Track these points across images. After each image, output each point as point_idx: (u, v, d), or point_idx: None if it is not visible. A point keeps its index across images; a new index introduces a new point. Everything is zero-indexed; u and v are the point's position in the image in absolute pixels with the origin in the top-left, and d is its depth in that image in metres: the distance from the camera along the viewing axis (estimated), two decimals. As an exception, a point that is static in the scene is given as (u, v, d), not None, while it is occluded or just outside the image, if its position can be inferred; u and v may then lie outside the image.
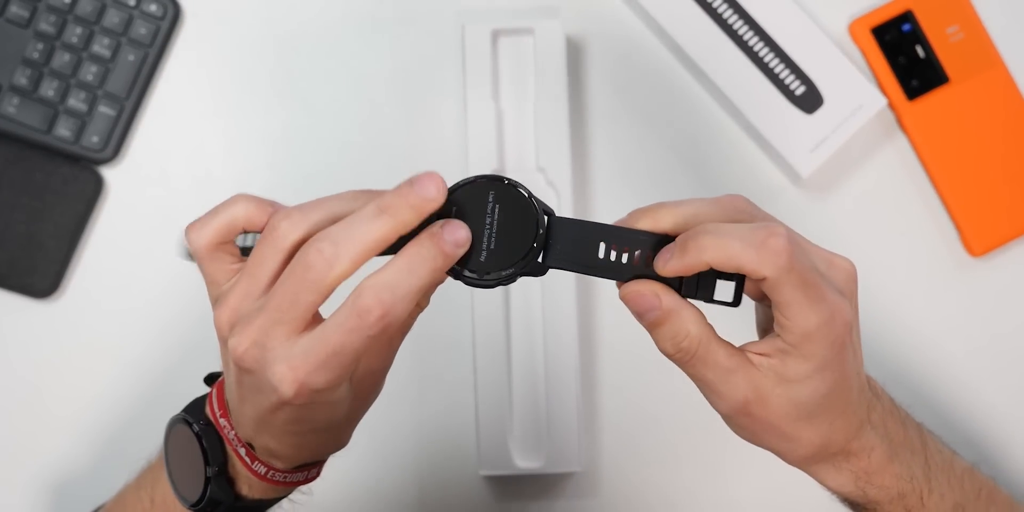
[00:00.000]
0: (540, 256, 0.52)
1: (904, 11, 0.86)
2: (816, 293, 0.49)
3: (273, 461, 0.56)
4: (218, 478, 0.56)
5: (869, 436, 0.55)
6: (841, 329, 0.49)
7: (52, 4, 0.84)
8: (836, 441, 0.53)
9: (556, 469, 0.81)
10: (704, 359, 0.51)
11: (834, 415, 0.52)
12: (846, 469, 0.55)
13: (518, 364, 0.82)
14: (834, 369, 0.51)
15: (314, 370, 0.48)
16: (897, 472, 0.56)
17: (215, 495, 0.57)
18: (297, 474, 0.57)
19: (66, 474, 0.85)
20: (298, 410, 0.50)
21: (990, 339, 0.87)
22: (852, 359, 0.52)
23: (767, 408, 0.51)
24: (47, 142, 0.84)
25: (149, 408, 0.85)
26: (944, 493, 0.58)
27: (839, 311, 0.49)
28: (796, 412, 0.51)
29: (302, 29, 0.88)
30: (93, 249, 0.86)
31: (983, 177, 0.85)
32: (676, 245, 0.50)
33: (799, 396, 0.51)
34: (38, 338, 0.86)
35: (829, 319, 0.49)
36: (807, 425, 0.52)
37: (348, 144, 0.87)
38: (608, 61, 0.88)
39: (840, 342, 0.50)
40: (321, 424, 0.53)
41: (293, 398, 0.49)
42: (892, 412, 0.57)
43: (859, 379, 0.53)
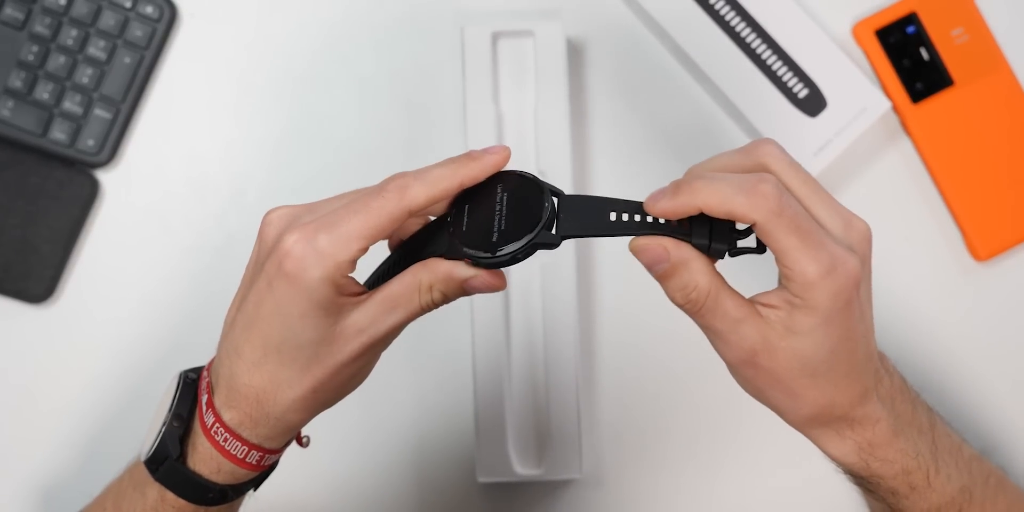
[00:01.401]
0: (552, 227, 0.53)
1: (908, 13, 0.86)
2: (813, 240, 0.49)
3: (224, 409, 0.56)
4: (172, 429, 0.57)
5: (875, 406, 0.55)
6: (844, 281, 0.50)
7: (47, 6, 0.84)
8: (840, 404, 0.54)
9: (556, 476, 0.81)
10: (713, 309, 0.52)
11: (839, 375, 0.53)
12: (849, 438, 0.56)
13: (517, 370, 0.82)
14: (839, 324, 0.51)
15: (320, 227, 0.51)
16: (902, 447, 0.56)
17: (164, 447, 0.57)
18: (237, 443, 0.56)
19: (61, 479, 0.85)
20: (287, 287, 0.52)
21: (996, 344, 0.87)
22: (859, 319, 0.52)
23: (773, 359, 0.52)
24: (42, 145, 0.84)
25: (144, 413, 0.83)
26: (951, 475, 0.58)
27: (842, 263, 0.50)
28: (801, 367, 0.52)
29: (300, 31, 0.88)
30: (88, 254, 0.86)
31: (988, 181, 0.85)
32: (668, 188, 0.51)
33: (805, 350, 0.52)
34: (32, 343, 0.85)
35: (830, 268, 0.50)
36: (811, 382, 0.53)
37: (346, 147, 0.87)
38: (609, 63, 0.88)
39: (845, 296, 0.50)
40: (296, 332, 0.53)
41: (291, 247, 0.51)
42: (902, 390, 0.57)
43: (866, 344, 0.53)
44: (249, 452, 0.57)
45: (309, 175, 0.87)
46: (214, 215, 0.86)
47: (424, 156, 0.85)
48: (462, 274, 0.54)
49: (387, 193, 0.52)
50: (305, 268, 0.51)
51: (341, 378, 0.55)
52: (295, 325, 0.53)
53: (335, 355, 0.54)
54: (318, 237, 0.51)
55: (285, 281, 0.52)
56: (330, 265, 0.51)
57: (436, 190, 0.53)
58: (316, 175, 0.87)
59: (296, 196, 0.86)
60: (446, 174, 0.53)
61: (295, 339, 0.53)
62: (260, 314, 0.54)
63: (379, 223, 0.52)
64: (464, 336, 0.83)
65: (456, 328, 0.84)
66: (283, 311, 0.53)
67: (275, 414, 0.56)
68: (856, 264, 0.50)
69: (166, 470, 0.57)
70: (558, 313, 0.81)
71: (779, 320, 0.52)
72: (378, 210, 0.52)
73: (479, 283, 0.54)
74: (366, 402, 0.71)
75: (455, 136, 0.85)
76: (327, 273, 0.52)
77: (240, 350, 0.55)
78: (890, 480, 0.57)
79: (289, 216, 0.54)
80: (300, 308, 0.52)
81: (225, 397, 0.56)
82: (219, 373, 0.56)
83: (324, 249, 0.51)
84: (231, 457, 0.57)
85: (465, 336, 0.83)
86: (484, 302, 0.82)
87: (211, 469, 0.57)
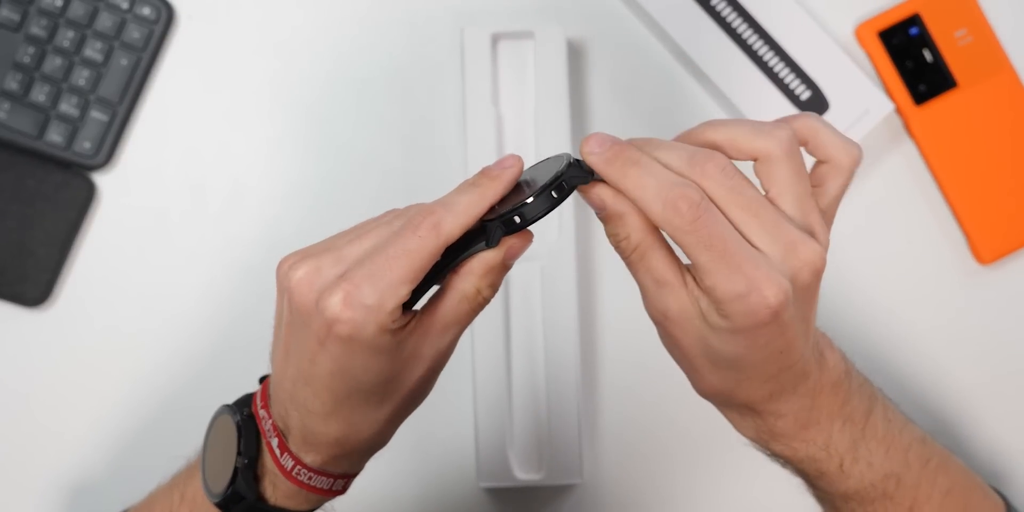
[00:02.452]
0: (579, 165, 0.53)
1: (911, 14, 0.85)
2: (729, 261, 0.49)
3: (304, 454, 0.56)
4: (246, 471, 0.57)
5: (781, 405, 0.56)
6: (757, 308, 0.49)
7: (43, 7, 0.84)
8: (738, 397, 0.55)
9: (557, 481, 0.81)
10: (637, 264, 0.53)
11: (743, 375, 0.54)
12: (749, 421, 0.57)
13: (518, 374, 0.81)
14: (747, 342, 0.51)
15: (363, 280, 0.50)
16: (810, 438, 0.57)
17: (239, 489, 0.57)
18: (323, 478, 0.57)
19: (58, 484, 0.85)
20: (342, 347, 0.51)
21: (998, 348, 0.86)
22: (776, 339, 0.51)
23: (682, 332, 0.53)
24: (38, 148, 0.84)
25: (142, 417, 0.85)
26: (874, 462, 0.59)
27: (757, 288, 0.49)
28: (704, 352, 0.53)
29: (299, 33, 0.87)
30: (85, 257, 0.85)
31: (992, 184, 0.85)
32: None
33: (710, 341, 0.52)
34: (29, 347, 0.85)
35: (744, 294, 0.49)
36: (713, 368, 0.54)
37: (345, 150, 0.87)
38: (610, 65, 0.87)
39: (758, 320, 0.50)
40: (361, 381, 0.53)
41: (341, 312, 0.49)
42: (835, 384, 0.57)
43: (785, 356, 0.53)
44: (335, 481, 0.59)
45: (308, 178, 0.86)
46: (212, 218, 0.86)
47: (424, 158, 0.86)
48: (494, 259, 0.53)
49: (422, 231, 0.51)
50: (358, 328, 0.50)
51: (415, 398, 0.56)
52: (359, 376, 0.53)
53: (405, 385, 0.55)
54: (363, 293, 0.50)
55: (340, 343, 0.51)
56: (383, 318, 0.50)
57: (468, 218, 0.52)
58: (315, 178, 0.87)
59: (295, 198, 0.87)
60: (474, 201, 0.52)
61: (362, 387, 0.53)
62: (318, 371, 0.53)
63: (422, 265, 0.51)
64: (464, 340, 0.82)
65: (456, 332, 0.83)
66: (343, 367, 0.52)
67: (360, 450, 0.57)
68: (777, 292, 0.49)
69: (243, 509, 0.58)
70: (559, 317, 0.81)
71: (699, 301, 0.52)
72: (418, 252, 0.50)
73: (513, 253, 0.53)
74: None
75: (455, 138, 0.85)
76: (381, 326, 0.51)
77: (308, 404, 0.55)
78: (796, 463, 0.59)
79: (313, 268, 0.52)
80: (360, 362, 0.52)
81: (301, 443, 0.56)
82: (288, 424, 0.56)
83: (373, 305, 0.50)
84: (318, 491, 0.58)
85: (465, 340, 0.82)
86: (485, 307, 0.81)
87: (297, 502, 0.59)
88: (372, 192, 0.86)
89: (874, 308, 0.86)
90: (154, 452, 0.68)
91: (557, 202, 0.52)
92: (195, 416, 0.67)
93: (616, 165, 0.51)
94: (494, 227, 0.52)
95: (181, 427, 0.70)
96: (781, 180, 0.51)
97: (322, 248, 0.53)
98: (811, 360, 0.55)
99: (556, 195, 0.52)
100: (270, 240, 0.85)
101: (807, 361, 0.55)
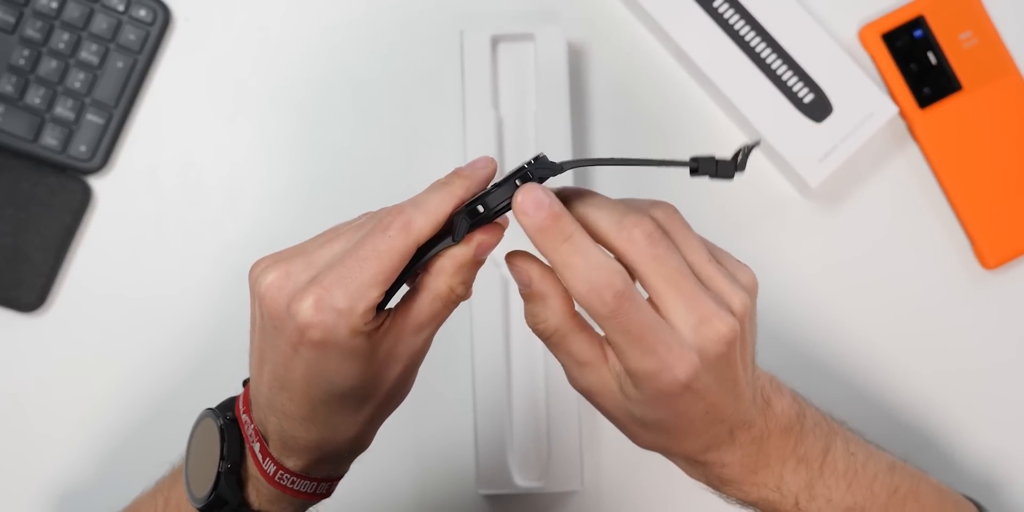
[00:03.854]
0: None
1: (916, 17, 0.85)
2: (643, 345, 0.50)
3: (285, 458, 0.56)
4: (229, 476, 0.57)
5: (722, 455, 0.56)
6: (668, 385, 0.51)
7: (38, 9, 0.84)
8: (676, 451, 0.56)
9: (557, 488, 0.81)
10: (558, 346, 0.54)
11: (671, 436, 0.55)
12: (697, 469, 0.58)
13: (518, 380, 0.81)
14: (666, 410, 0.53)
15: (333, 283, 0.50)
16: (760, 482, 0.58)
17: (223, 493, 0.57)
18: (306, 482, 0.57)
19: (53, 489, 0.85)
20: (316, 352, 0.51)
21: (1004, 353, 0.86)
22: (693, 404, 0.53)
23: (607, 403, 0.54)
24: (33, 151, 0.84)
25: (138, 422, 0.85)
26: (833, 498, 0.60)
27: (667, 368, 0.51)
28: (631, 419, 0.54)
29: (296, 35, 0.87)
30: (80, 262, 0.85)
31: (997, 187, 0.85)
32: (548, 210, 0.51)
33: (633, 411, 0.54)
34: (23, 353, 0.85)
35: (655, 372, 0.51)
36: (643, 430, 0.55)
37: (344, 153, 0.86)
38: (610, 67, 0.87)
39: (670, 393, 0.51)
40: (337, 385, 0.53)
41: (312, 317, 0.49)
42: (785, 428, 0.58)
43: (708, 417, 0.54)
44: (319, 485, 0.58)
45: (306, 181, 0.86)
46: (208, 222, 0.86)
47: (423, 162, 0.86)
48: (464, 255, 0.53)
49: (392, 232, 0.51)
50: (330, 332, 0.50)
51: (392, 399, 0.56)
52: (334, 380, 0.53)
53: (382, 386, 0.54)
54: (334, 297, 0.50)
55: (312, 348, 0.51)
56: (355, 320, 0.50)
57: (438, 216, 0.52)
58: (313, 181, 0.86)
59: (292, 202, 0.87)
60: (443, 198, 0.52)
61: (338, 391, 0.53)
62: (293, 377, 0.53)
63: (393, 265, 0.51)
64: (464, 346, 0.83)
65: (456, 338, 0.83)
66: (317, 371, 0.52)
67: (341, 453, 0.57)
68: (686, 369, 0.50)
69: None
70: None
71: (618, 376, 0.53)
72: (389, 253, 0.50)
73: (484, 248, 0.53)
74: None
75: (454, 141, 0.85)
76: (354, 329, 0.51)
77: (285, 409, 0.55)
78: (751, 504, 0.60)
79: (283, 273, 0.52)
80: (335, 366, 0.52)
81: (282, 448, 0.56)
82: (267, 428, 0.56)
83: (344, 307, 0.50)
84: (302, 495, 0.58)
85: (465, 346, 0.83)
86: (484, 310, 0.81)
87: (281, 507, 0.59)
88: (370, 196, 0.85)
89: (878, 313, 0.86)
90: (149, 457, 0.67)
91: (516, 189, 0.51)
92: (191, 422, 0.66)
93: (549, 236, 0.50)
94: (459, 220, 0.52)
95: (177, 432, 0.70)
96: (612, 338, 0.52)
97: (293, 252, 0.53)
98: (751, 410, 0.56)
99: (519, 183, 0.51)
100: (267, 244, 0.84)
101: (743, 413, 0.55)
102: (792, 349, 0.86)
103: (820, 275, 0.86)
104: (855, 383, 0.85)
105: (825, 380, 0.85)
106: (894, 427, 0.85)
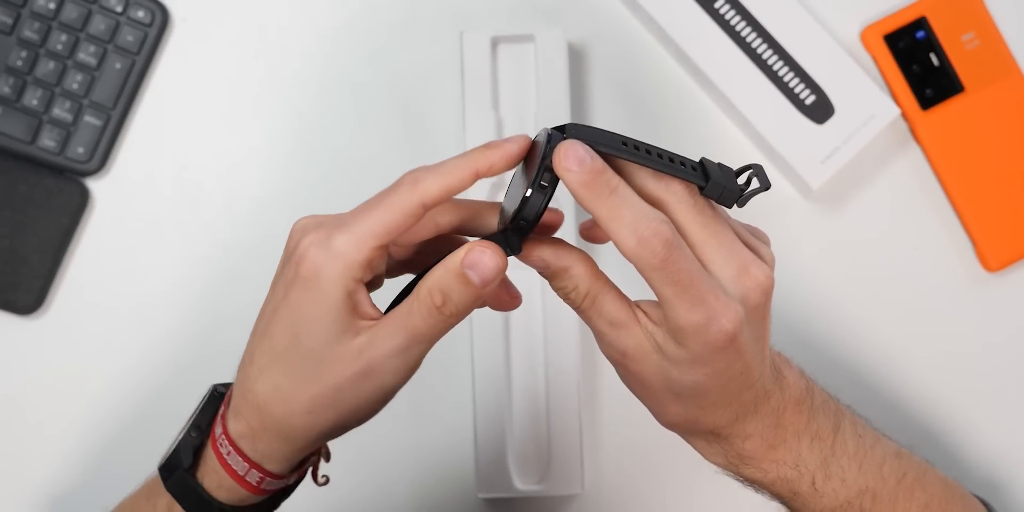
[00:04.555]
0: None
1: (918, 17, 0.85)
2: (691, 294, 0.51)
3: (232, 417, 0.55)
4: (187, 436, 0.57)
5: (746, 426, 0.57)
6: (716, 336, 0.51)
7: (36, 10, 0.83)
8: (704, 423, 0.56)
9: (557, 491, 0.81)
10: (589, 311, 0.54)
11: (705, 402, 0.55)
12: (717, 446, 0.58)
13: (518, 382, 0.81)
14: (707, 365, 0.53)
15: (337, 227, 0.51)
16: (780, 458, 0.58)
17: (176, 456, 0.57)
18: (238, 457, 0.55)
19: (51, 493, 0.85)
20: (299, 291, 0.51)
21: (1007, 355, 0.87)
22: (734, 360, 0.53)
23: (642, 367, 0.54)
24: (31, 153, 0.84)
25: (135, 425, 0.85)
26: (848, 479, 0.60)
27: (717, 318, 0.51)
28: (665, 384, 0.54)
29: (295, 36, 0.87)
30: (78, 264, 0.85)
31: (999, 190, 0.85)
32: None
33: (671, 373, 0.54)
34: (22, 356, 0.85)
35: (704, 323, 0.51)
36: (675, 399, 0.55)
37: (343, 155, 0.86)
38: (611, 69, 0.87)
39: (717, 345, 0.52)
40: (303, 337, 0.52)
41: (307, 251, 0.51)
42: (798, 401, 0.58)
43: (744, 378, 0.54)
44: (249, 470, 0.56)
45: (305, 184, 0.86)
46: (207, 225, 0.85)
47: (422, 164, 0.85)
48: (454, 259, 0.52)
49: (400, 187, 0.52)
50: (318, 270, 0.51)
51: (340, 404, 0.54)
52: (302, 330, 0.52)
53: (333, 375, 0.53)
54: (333, 238, 0.51)
55: (300, 285, 0.52)
56: (341, 266, 0.51)
57: (450, 180, 0.52)
58: (312, 184, 0.86)
59: (291, 205, 0.86)
60: (460, 163, 0.52)
61: (299, 346, 0.52)
62: (274, 319, 0.53)
63: (392, 218, 0.51)
64: (464, 348, 0.83)
65: (456, 340, 0.82)
66: (294, 315, 0.52)
67: (272, 426, 0.55)
68: (733, 318, 0.51)
69: (176, 480, 0.57)
70: (559, 325, 0.81)
71: (654, 335, 0.53)
72: (390, 205, 0.51)
73: (470, 260, 0.52)
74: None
75: (454, 144, 0.85)
76: (339, 274, 0.51)
77: (253, 356, 0.54)
78: (768, 486, 0.60)
79: (314, 223, 0.53)
80: (310, 312, 0.52)
81: (235, 406, 0.56)
82: (235, 382, 0.56)
83: (338, 249, 0.51)
84: (232, 472, 0.56)
85: (465, 348, 0.83)
86: (484, 311, 0.80)
87: (214, 483, 0.57)
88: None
89: (880, 315, 0.86)
90: (147, 460, 0.67)
91: (547, 191, 0.51)
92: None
93: (595, 190, 0.51)
94: (506, 234, 0.52)
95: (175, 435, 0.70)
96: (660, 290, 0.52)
97: (335, 214, 0.54)
98: (770, 379, 0.57)
99: (545, 184, 0.51)
100: (265, 247, 0.84)
101: (766, 380, 0.56)
102: (793, 352, 0.85)
103: (821, 277, 0.86)
104: (858, 385, 0.85)
105: (828, 382, 0.84)
106: (898, 429, 0.84)
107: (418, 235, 0.56)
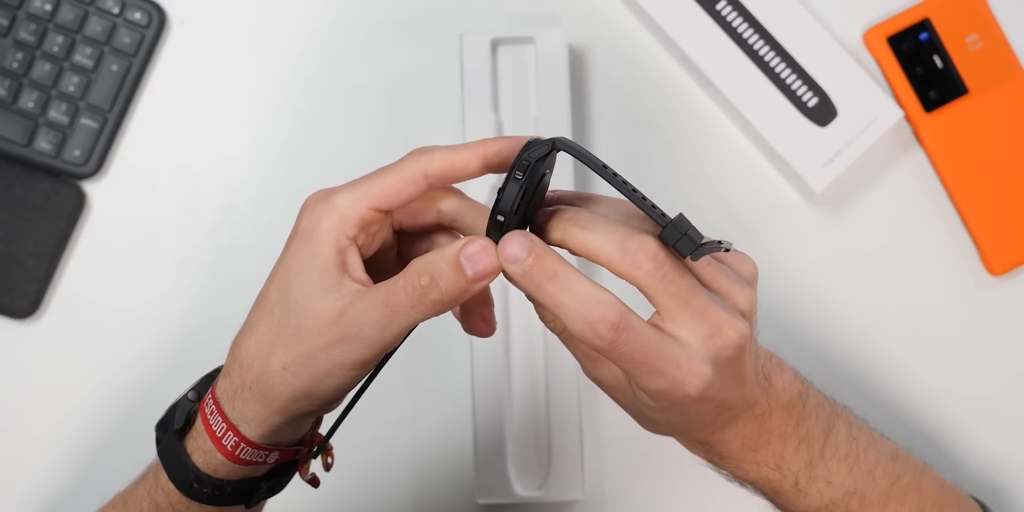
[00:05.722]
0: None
1: (921, 19, 0.85)
2: (651, 367, 0.51)
3: (222, 377, 0.57)
4: (184, 400, 0.59)
5: (725, 434, 0.57)
6: (681, 398, 0.52)
7: (32, 12, 0.84)
8: (683, 435, 0.58)
9: (557, 497, 0.80)
10: (568, 342, 0.55)
11: (679, 430, 0.57)
12: (699, 448, 0.59)
13: (518, 387, 0.81)
14: (677, 414, 0.54)
15: (341, 188, 0.54)
16: (760, 460, 0.59)
17: (169, 417, 0.59)
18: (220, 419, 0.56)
19: (47, 498, 0.85)
20: (296, 244, 0.54)
21: (1010, 359, 0.86)
22: (705, 406, 0.54)
23: (618, 396, 0.56)
24: (27, 156, 0.84)
25: (132, 429, 0.83)
26: (833, 481, 0.60)
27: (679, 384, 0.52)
28: (640, 413, 0.56)
29: (294, 38, 0.87)
30: (75, 267, 0.85)
31: (1004, 193, 0.85)
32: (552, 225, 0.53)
33: (643, 410, 0.55)
34: (17, 360, 0.85)
35: (667, 390, 0.52)
36: (653, 424, 0.57)
37: (341, 158, 0.86)
38: (612, 71, 0.87)
39: (684, 403, 0.53)
40: (291, 291, 0.53)
41: (308, 205, 0.54)
42: (787, 405, 0.58)
43: (717, 412, 0.55)
44: (227, 432, 0.56)
45: (303, 186, 0.84)
46: (204, 228, 0.85)
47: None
48: (453, 247, 0.52)
49: (406, 157, 0.54)
50: (315, 222, 0.53)
51: (314, 365, 0.53)
52: (291, 283, 0.54)
53: (311, 333, 0.53)
54: (335, 194, 0.54)
55: (297, 238, 0.54)
56: (335, 220, 0.53)
57: (455, 157, 0.53)
58: (310, 186, 0.84)
59: (288, 207, 0.86)
60: (468, 145, 0.54)
61: (287, 300, 0.54)
62: (271, 274, 0.55)
63: (393, 183, 0.53)
64: (463, 353, 0.83)
65: (455, 344, 0.83)
66: (287, 269, 0.54)
67: (249, 381, 0.55)
68: (697, 383, 0.51)
69: (164, 442, 0.58)
70: (560, 329, 0.80)
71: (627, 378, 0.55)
72: (392, 170, 0.54)
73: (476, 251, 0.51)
74: (362, 420, 0.71)
75: (453, 146, 0.84)
76: (332, 227, 0.53)
77: (250, 314, 0.56)
78: (750, 483, 0.60)
79: (327, 189, 0.56)
80: (301, 263, 0.54)
81: (226, 365, 0.57)
82: (233, 343, 0.58)
83: (335, 204, 0.53)
84: (211, 432, 0.56)
85: (464, 353, 0.83)
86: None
87: (195, 446, 0.57)
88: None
89: (883, 319, 0.86)
90: (145, 463, 0.67)
91: (521, 181, 0.51)
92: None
93: (533, 280, 0.51)
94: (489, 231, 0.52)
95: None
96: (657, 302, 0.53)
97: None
98: (755, 391, 0.56)
99: (520, 175, 0.51)
100: (263, 250, 0.84)
101: (749, 394, 0.56)
102: (796, 355, 0.84)
103: (824, 280, 0.86)
104: (860, 389, 0.85)
105: (830, 385, 0.84)
106: (899, 432, 0.84)
107: (419, 217, 0.57)
